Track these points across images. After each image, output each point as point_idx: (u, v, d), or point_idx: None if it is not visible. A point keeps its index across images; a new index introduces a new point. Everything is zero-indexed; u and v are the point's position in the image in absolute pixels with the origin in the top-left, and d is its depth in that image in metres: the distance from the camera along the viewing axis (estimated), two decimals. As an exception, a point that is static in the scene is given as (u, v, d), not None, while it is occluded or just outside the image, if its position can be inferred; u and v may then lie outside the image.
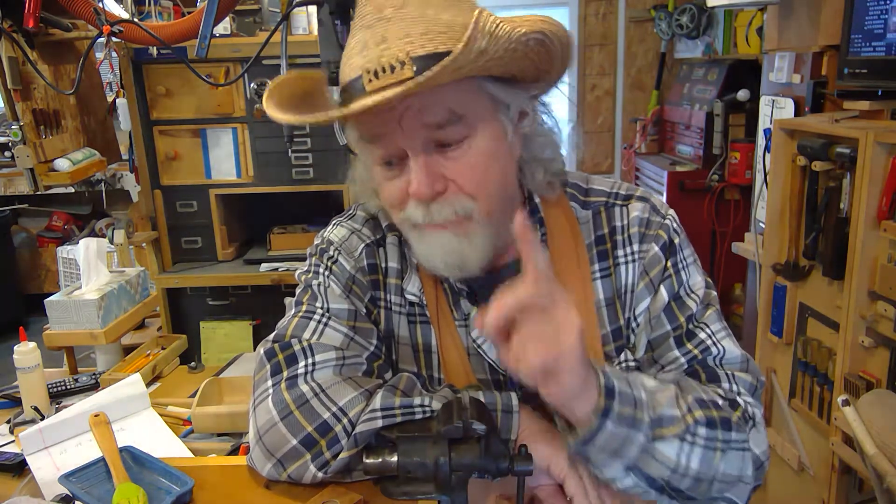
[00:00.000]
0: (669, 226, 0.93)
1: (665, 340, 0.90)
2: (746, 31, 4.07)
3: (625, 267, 0.92)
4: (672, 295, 0.91)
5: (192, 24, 1.58)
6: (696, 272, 0.93)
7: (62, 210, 5.33)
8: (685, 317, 0.91)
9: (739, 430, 0.83)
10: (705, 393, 0.84)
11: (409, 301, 0.95)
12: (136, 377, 1.50)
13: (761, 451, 0.86)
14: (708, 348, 0.89)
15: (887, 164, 1.72)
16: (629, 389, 0.77)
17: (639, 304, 0.92)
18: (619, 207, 0.94)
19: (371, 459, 1.07)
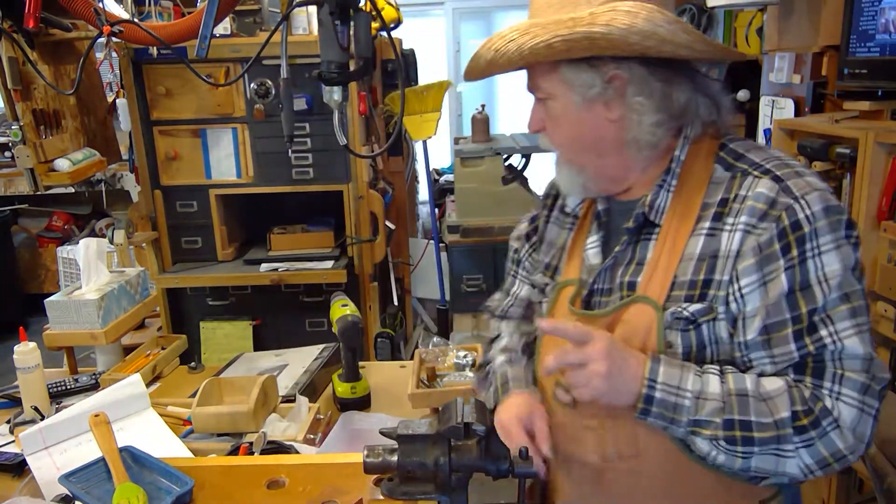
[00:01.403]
0: (799, 210, 0.91)
1: (783, 330, 0.92)
2: (746, 31, 4.07)
3: (729, 234, 0.95)
4: (793, 283, 0.91)
5: (192, 24, 1.57)
6: (835, 260, 0.90)
7: (62, 210, 5.33)
8: (808, 308, 0.90)
9: (783, 435, 0.90)
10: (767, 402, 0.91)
11: (566, 213, 1.18)
12: (136, 377, 1.50)
13: (836, 452, 0.90)
14: (825, 346, 0.90)
15: (887, 164, 1.72)
16: (675, 397, 0.92)
17: (743, 277, 0.93)
18: (751, 177, 0.96)
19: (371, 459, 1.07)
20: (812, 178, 0.95)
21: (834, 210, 0.92)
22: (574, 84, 0.99)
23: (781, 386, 0.91)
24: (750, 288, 0.93)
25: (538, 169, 3.88)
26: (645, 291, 0.98)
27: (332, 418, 1.55)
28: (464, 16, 5.56)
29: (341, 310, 1.62)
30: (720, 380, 0.92)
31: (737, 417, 0.90)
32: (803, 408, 0.90)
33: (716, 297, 0.95)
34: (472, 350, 1.72)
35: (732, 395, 0.91)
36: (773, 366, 0.93)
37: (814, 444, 0.89)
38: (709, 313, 0.95)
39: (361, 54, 1.44)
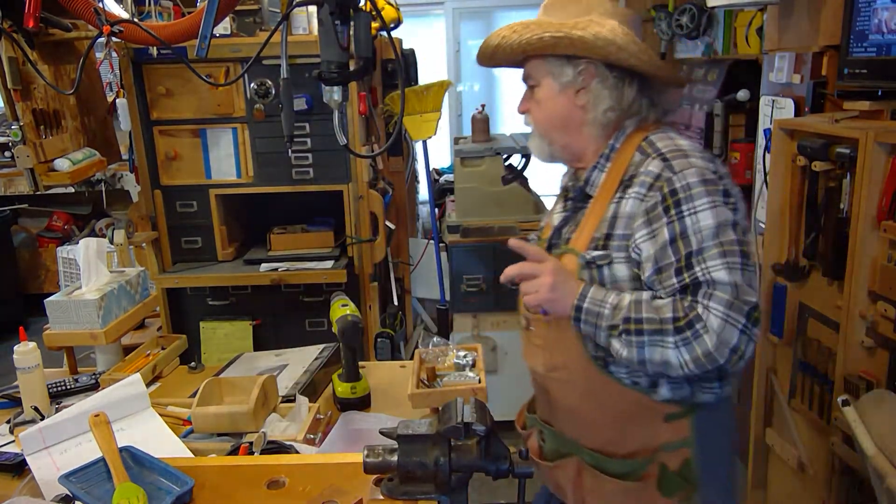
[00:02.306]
0: (676, 181, 1.23)
1: (668, 269, 1.22)
2: (746, 31, 4.07)
3: (628, 201, 1.28)
4: (674, 234, 1.22)
5: (192, 24, 1.57)
6: (709, 218, 1.21)
7: (62, 210, 5.33)
8: (685, 252, 1.21)
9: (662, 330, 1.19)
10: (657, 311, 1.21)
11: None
12: (136, 377, 1.50)
13: (705, 351, 1.17)
14: (698, 277, 1.20)
15: (887, 164, 1.72)
16: (597, 307, 1.24)
17: (637, 232, 1.26)
18: (649, 159, 1.28)
19: (371, 459, 1.07)
20: (698, 160, 1.27)
21: (710, 182, 1.24)
22: (555, 74, 1.33)
23: (669, 301, 1.21)
24: (643, 240, 1.25)
25: (538, 169, 3.88)
26: (574, 245, 1.34)
27: (332, 418, 1.55)
28: (464, 16, 5.56)
29: (341, 310, 1.62)
30: (629, 296, 1.24)
31: (633, 316, 1.21)
32: (682, 314, 1.19)
33: (613, 247, 1.28)
34: (472, 350, 1.72)
35: (632, 302, 1.22)
36: (664, 294, 1.23)
37: (689, 343, 1.17)
38: (605, 259, 1.29)
39: (361, 54, 1.44)
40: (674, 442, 1.32)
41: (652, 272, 1.24)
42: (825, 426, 2.01)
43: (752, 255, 1.24)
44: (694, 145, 1.32)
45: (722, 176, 1.27)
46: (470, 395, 1.40)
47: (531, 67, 1.37)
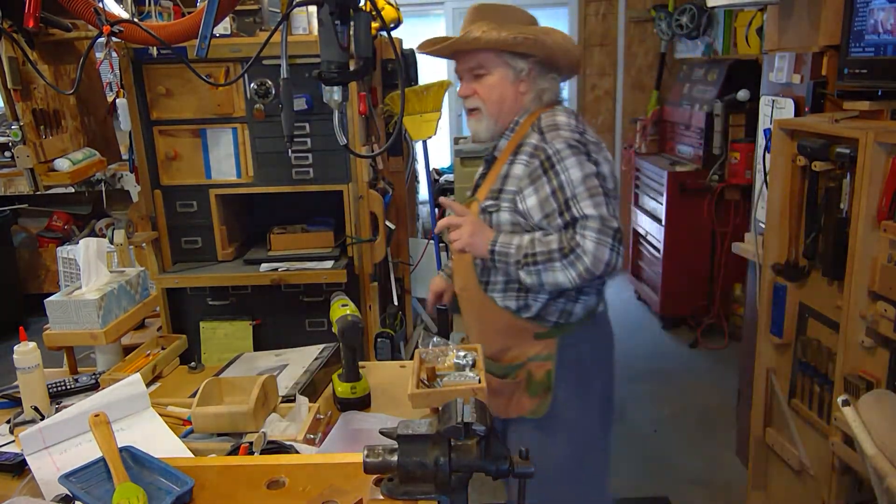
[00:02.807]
0: (549, 149, 1.64)
1: (553, 213, 1.63)
2: (746, 31, 4.07)
3: (518, 165, 1.70)
4: (553, 188, 1.63)
5: (192, 24, 1.57)
6: (577, 172, 1.61)
7: (62, 210, 5.33)
8: (563, 199, 1.61)
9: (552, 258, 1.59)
10: (546, 244, 1.60)
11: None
12: (136, 377, 1.49)
13: (585, 268, 1.57)
14: (575, 214, 1.60)
15: (887, 164, 1.72)
16: (506, 249, 1.65)
17: (524, 189, 1.67)
18: (534, 133, 1.69)
19: (371, 459, 1.07)
20: (566, 132, 1.66)
21: (574, 146, 1.64)
22: (512, 65, 1.71)
23: (556, 235, 1.62)
24: (529, 194, 1.66)
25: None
26: (478, 195, 1.79)
27: (332, 418, 1.55)
28: (464, 16, 5.55)
29: (341, 310, 1.62)
30: (527, 237, 1.64)
31: (530, 251, 1.61)
32: (566, 244, 1.59)
33: (503, 199, 1.70)
34: (472, 350, 1.72)
35: (529, 241, 1.63)
36: (553, 231, 1.64)
37: (573, 263, 1.57)
38: (494, 207, 1.71)
39: (361, 54, 1.44)
40: (540, 355, 1.77)
41: (541, 217, 1.65)
42: (825, 426, 2.01)
43: (612, 192, 1.65)
44: (568, 121, 1.69)
45: (585, 142, 1.66)
46: (470, 395, 1.39)
47: (484, 59, 1.71)
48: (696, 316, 4.39)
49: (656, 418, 3.48)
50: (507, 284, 1.74)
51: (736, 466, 3.01)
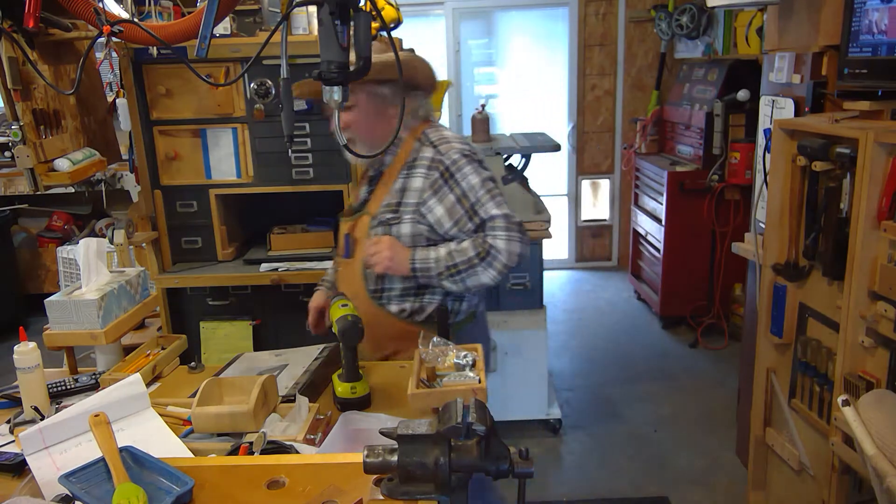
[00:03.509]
0: (446, 160, 1.78)
1: (463, 219, 1.77)
2: (746, 31, 4.07)
3: (415, 178, 1.80)
4: (457, 196, 1.77)
5: (192, 24, 1.57)
6: (475, 178, 1.77)
7: (62, 210, 5.32)
8: (469, 205, 1.77)
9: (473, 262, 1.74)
10: (463, 252, 1.75)
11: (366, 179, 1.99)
12: (136, 377, 1.49)
13: (502, 264, 1.74)
14: (483, 217, 1.76)
15: (887, 164, 1.72)
16: (426, 264, 1.77)
17: (428, 200, 1.79)
18: (426, 147, 1.82)
19: (371, 459, 1.07)
20: (457, 143, 1.81)
21: (468, 156, 1.80)
22: (376, 93, 1.79)
23: (469, 241, 1.76)
24: (434, 205, 1.78)
25: (538, 169, 3.88)
26: (369, 209, 1.86)
27: (332, 418, 1.55)
28: (464, 16, 5.56)
29: (341, 310, 1.62)
30: (443, 249, 1.77)
31: (450, 263, 1.75)
32: (480, 248, 1.74)
33: (404, 211, 1.80)
34: (472, 350, 1.72)
35: (447, 254, 1.76)
36: (465, 236, 1.78)
37: (491, 264, 1.74)
38: (395, 219, 1.81)
39: (361, 54, 1.44)
40: None
41: (451, 224, 1.78)
42: (825, 426, 2.01)
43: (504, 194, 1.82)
44: (455, 134, 1.87)
45: (475, 152, 1.84)
46: (470, 395, 1.39)
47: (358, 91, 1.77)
48: (696, 316, 4.39)
49: (656, 418, 3.48)
50: (403, 290, 1.86)
51: (736, 466, 3.01)
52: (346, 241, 1.92)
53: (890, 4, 1.79)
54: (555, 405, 3.42)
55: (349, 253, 1.91)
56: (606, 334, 4.57)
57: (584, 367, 4.12)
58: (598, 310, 5.01)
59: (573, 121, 5.64)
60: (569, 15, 5.46)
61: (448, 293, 1.87)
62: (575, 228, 5.89)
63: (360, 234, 1.88)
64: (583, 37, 5.45)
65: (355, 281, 1.89)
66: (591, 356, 4.25)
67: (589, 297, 5.26)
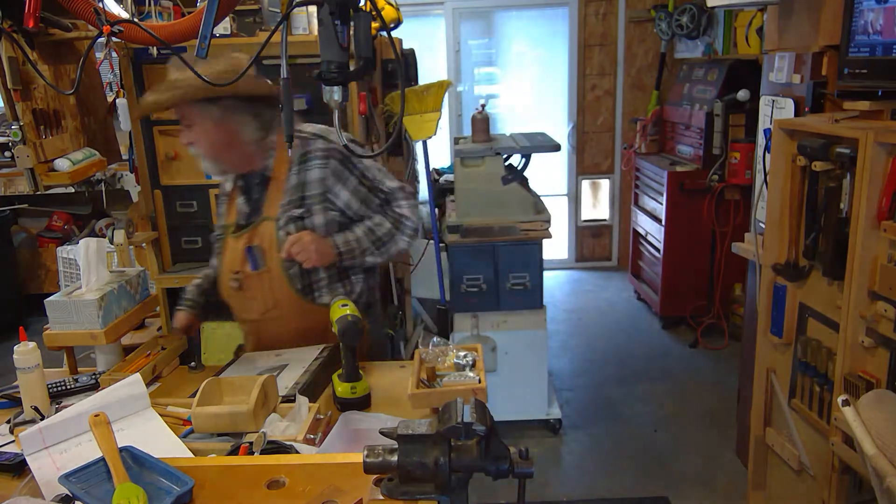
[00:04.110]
0: (339, 149, 1.84)
1: (367, 198, 1.89)
2: (746, 31, 4.07)
3: (311, 171, 1.84)
4: (357, 177, 1.87)
5: (192, 24, 1.57)
6: (370, 164, 1.90)
7: (62, 210, 5.32)
8: (369, 183, 1.89)
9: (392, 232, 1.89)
10: (379, 225, 1.89)
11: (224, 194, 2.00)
12: (136, 377, 1.49)
13: (411, 230, 1.92)
14: (385, 193, 1.90)
15: (887, 164, 1.72)
16: (349, 246, 1.84)
17: (333, 187, 1.85)
18: (313, 140, 1.86)
19: (371, 459, 1.07)
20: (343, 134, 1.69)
21: (355, 142, 1.93)
22: (205, 112, 1.75)
23: (380, 217, 1.90)
24: (339, 190, 1.85)
25: (538, 169, 3.88)
26: (268, 214, 1.85)
27: (332, 418, 1.55)
28: (464, 16, 5.56)
29: (341, 310, 1.62)
30: (359, 230, 1.87)
31: (372, 238, 1.87)
32: (391, 220, 1.90)
33: (310, 203, 1.83)
34: (472, 350, 1.72)
35: (364, 233, 1.87)
36: (375, 213, 1.90)
37: (404, 230, 1.90)
38: (307, 213, 1.83)
39: (361, 54, 1.44)
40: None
41: (359, 205, 1.88)
42: (825, 426, 2.01)
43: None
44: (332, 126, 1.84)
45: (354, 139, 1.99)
46: (470, 395, 1.40)
47: (187, 110, 1.76)
48: (696, 316, 4.39)
49: (656, 418, 3.48)
50: (329, 278, 1.90)
51: (736, 466, 3.01)
52: (249, 253, 1.86)
53: (885, 5, 1.79)
54: (555, 405, 3.42)
55: (258, 264, 1.85)
56: (606, 334, 4.57)
57: (584, 367, 4.12)
58: (598, 310, 5.01)
59: (573, 121, 5.64)
60: (569, 15, 5.46)
61: (368, 269, 1.98)
62: (575, 228, 5.89)
63: (264, 242, 1.85)
64: (583, 37, 5.45)
65: (276, 288, 1.86)
66: (591, 356, 4.25)
67: (589, 297, 5.26)
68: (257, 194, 1.89)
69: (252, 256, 1.86)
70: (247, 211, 1.90)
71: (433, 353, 1.70)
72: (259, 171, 1.87)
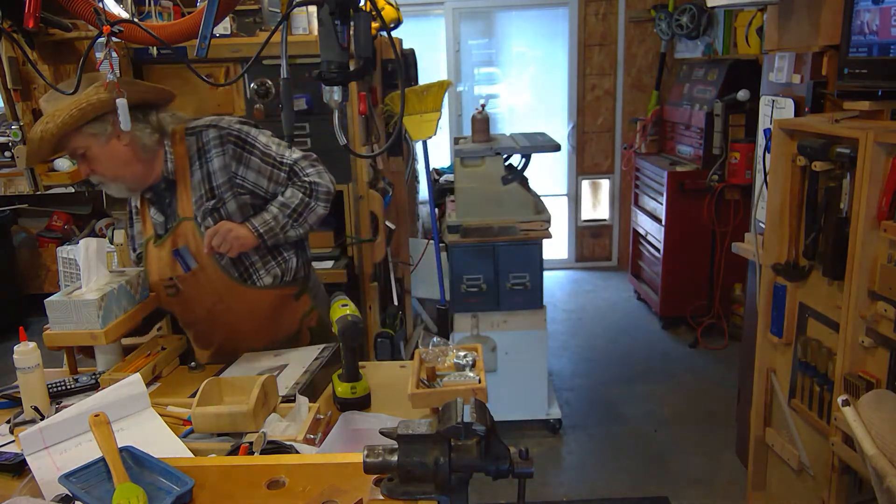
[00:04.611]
0: (232, 132, 1.85)
1: (274, 174, 1.88)
2: (746, 31, 4.07)
3: (212, 161, 1.84)
4: (258, 156, 1.86)
5: (192, 24, 1.57)
6: (263, 137, 1.89)
7: (62, 210, 5.32)
8: (271, 159, 1.87)
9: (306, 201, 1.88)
10: (292, 197, 1.88)
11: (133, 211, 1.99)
12: (136, 377, 1.49)
13: (325, 195, 1.91)
14: (289, 165, 1.89)
15: (887, 164, 1.72)
16: (268, 225, 1.85)
17: (238, 171, 1.85)
18: (205, 131, 1.85)
19: (371, 459, 1.07)
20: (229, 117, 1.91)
21: (245, 122, 1.90)
22: (97, 133, 1.72)
23: (291, 189, 1.89)
24: (244, 172, 1.86)
25: (538, 169, 3.89)
26: (184, 215, 1.86)
27: (332, 418, 1.55)
28: (464, 16, 5.56)
29: (341, 310, 1.62)
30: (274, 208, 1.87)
31: (288, 212, 1.87)
32: (302, 190, 1.88)
33: (221, 192, 1.84)
34: (472, 350, 1.72)
35: (279, 209, 1.87)
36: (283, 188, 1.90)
37: (318, 196, 1.89)
38: (220, 203, 1.85)
39: (361, 54, 1.44)
40: (307, 310, 2.04)
41: (268, 182, 1.88)
42: (825, 426, 2.01)
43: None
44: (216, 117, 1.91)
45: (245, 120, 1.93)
46: (470, 395, 1.40)
47: (75, 140, 1.71)
48: (696, 316, 4.39)
49: (656, 418, 3.48)
50: (263, 259, 1.93)
51: (736, 466, 3.01)
52: (177, 256, 1.88)
53: (881, 5, 1.79)
54: (555, 405, 3.42)
55: (188, 265, 1.87)
56: (606, 334, 4.57)
57: (584, 367, 4.12)
58: (598, 310, 5.01)
59: (573, 121, 5.64)
60: (569, 15, 5.47)
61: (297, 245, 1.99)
62: (575, 228, 5.89)
63: (188, 242, 1.87)
64: (583, 37, 5.45)
65: (215, 282, 1.89)
66: (591, 356, 4.25)
67: (589, 297, 5.26)
68: (168, 199, 1.88)
69: (181, 258, 1.88)
70: (162, 220, 1.90)
71: (433, 353, 1.70)
72: (163, 177, 1.86)
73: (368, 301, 2.80)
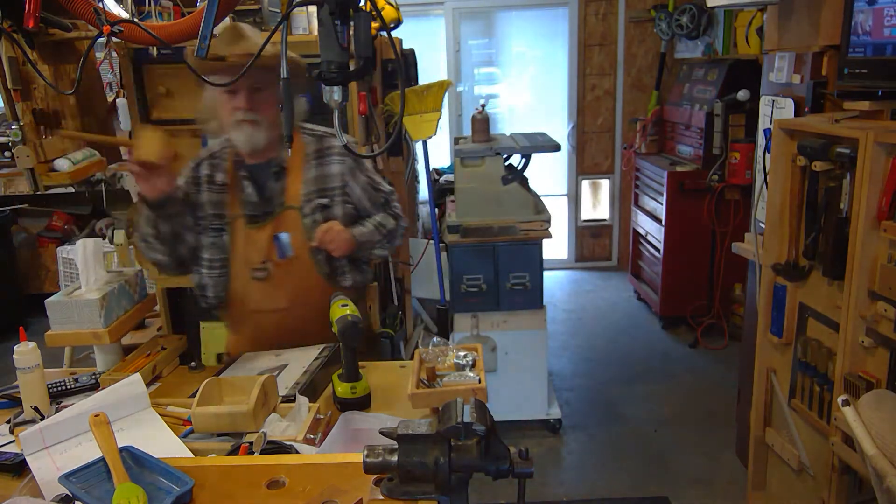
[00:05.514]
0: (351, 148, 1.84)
1: (374, 197, 2.01)
2: (746, 31, 4.07)
3: (330, 165, 1.94)
4: (366, 178, 1.99)
5: (192, 24, 1.57)
6: (371, 167, 2.04)
7: (62, 210, 5.32)
8: (374, 186, 2.01)
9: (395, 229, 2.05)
10: (385, 221, 2.02)
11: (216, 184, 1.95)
12: (136, 377, 1.49)
13: (403, 229, 2.09)
14: (384, 193, 2.05)
15: (887, 164, 1.72)
16: (364, 238, 1.94)
17: (349, 181, 1.95)
18: (324, 139, 1.96)
19: (371, 459, 1.07)
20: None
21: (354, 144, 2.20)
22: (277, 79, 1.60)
23: (382, 214, 2.03)
24: (353, 186, 1.96)
25: (538, 169, 3.88)
26: (291, 203, 1.90)
27: (332, 418, 1.55)
28: (464, 16, 5.56)
29: (341, 310, 1.62)
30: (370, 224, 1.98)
31: (384, 232, 2.00)
32: (392, 216, 2.05)
33: (332, 195, 1.93)
34: (472, 350, 1.72)
35: (374, 227, 1.98)
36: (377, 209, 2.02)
37: (401, 227, 2.07)
38: (330, 203, 1.92)
39: (361, 54, 1.44)
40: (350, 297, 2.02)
41: (368, 203, 2.00)
42: (825, 426, 2.01)
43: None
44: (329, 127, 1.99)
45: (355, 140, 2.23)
46: (470, 395, 1.40)
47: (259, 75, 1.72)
48: (696, 316, 4.39)
49: (656, 418, 3.48)
50: (350, 262, 2.00)
51: (736, 466, 3.01)
52: (277, 241, 1.88)
53: (874, 6, 1.79)
54: (555, 405, 3.42)
55: (286, 252, 1.88)
56: (606, 334, 4.57)
57: (584, 367, 4.12)
58: (598, 310, 5.01)
59: (573, 121, 5.64)
60: (569, 15, 5.46)
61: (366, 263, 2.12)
62: (575, 228, 5.89)
63: (291, 230, 1.88)
64: (583, 37, 5.45)
65: (305, 274, 1.91)
66: (591, 356, 4.25)
67: (589, 297, 5.26)
68: (273, 184, 1.91)
69: (280, 244, 1.88)
70: (256, 201, 1.91)
71: (433, 353, 1.70)
72: (276, 160, 1.91)
73: (368, 301, 2.80)
